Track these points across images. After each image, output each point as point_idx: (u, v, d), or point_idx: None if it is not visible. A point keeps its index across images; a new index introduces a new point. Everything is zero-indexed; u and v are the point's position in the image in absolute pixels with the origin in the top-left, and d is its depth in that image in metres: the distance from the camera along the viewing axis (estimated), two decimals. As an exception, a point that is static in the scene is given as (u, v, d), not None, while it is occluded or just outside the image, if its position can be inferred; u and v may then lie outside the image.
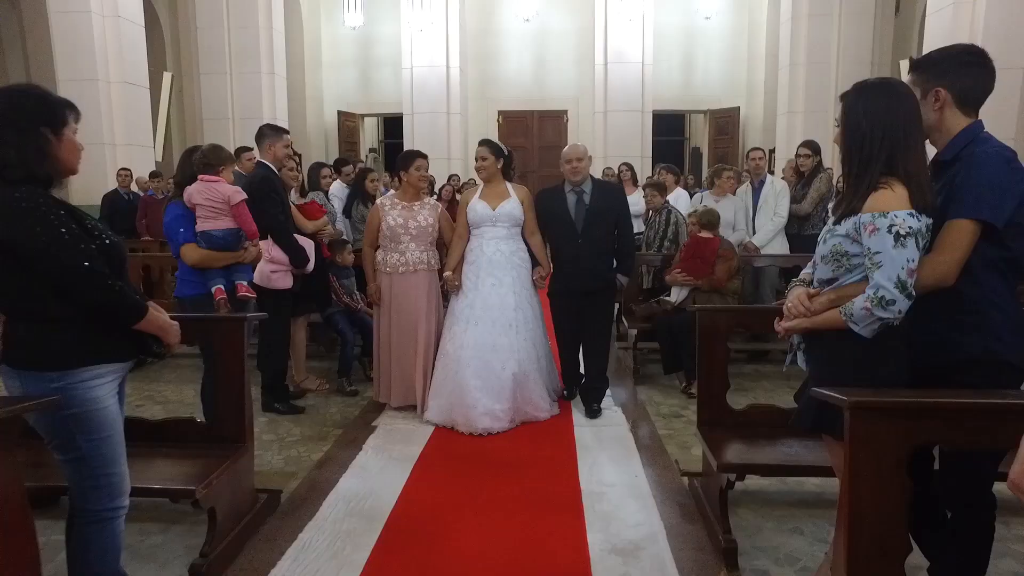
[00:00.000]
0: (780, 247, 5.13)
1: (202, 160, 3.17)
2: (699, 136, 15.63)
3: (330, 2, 14.74)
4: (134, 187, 8.43)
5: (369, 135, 16.28)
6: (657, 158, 11.90)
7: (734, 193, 5.65)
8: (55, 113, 1.75)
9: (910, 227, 1.67)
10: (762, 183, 5.30)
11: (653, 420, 3.89)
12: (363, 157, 14.88)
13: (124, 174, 8.21)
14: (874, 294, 1.65)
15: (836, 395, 1.48)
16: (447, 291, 3.92)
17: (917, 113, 1.78)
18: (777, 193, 5.12)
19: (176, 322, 1.94)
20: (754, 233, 5.16)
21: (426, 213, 3.90)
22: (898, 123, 1.73)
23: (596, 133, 13.02)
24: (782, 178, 6.06)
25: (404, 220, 3.83)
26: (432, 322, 3.89)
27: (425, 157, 3.96)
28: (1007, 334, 1.72)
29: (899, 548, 1.43)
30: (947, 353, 1.76)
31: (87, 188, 8.09)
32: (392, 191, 4.37)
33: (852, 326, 1.69)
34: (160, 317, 1.88)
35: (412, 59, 13.00)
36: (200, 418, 2.75)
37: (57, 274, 1.67)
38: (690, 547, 2.47)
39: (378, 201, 4.07)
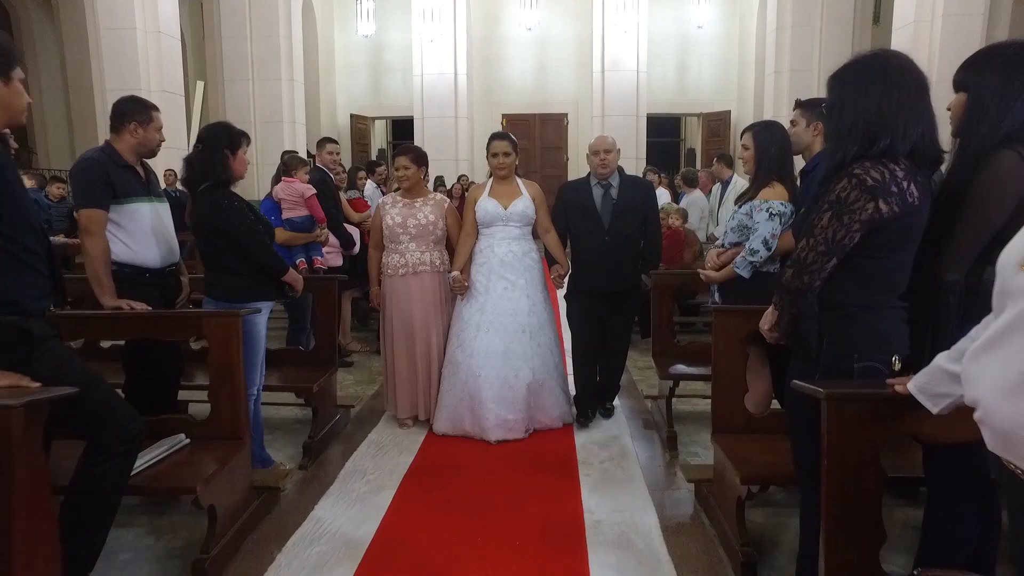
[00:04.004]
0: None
1: (283, 167, 4.24)
2: (693, 137, 16.59)
3: (344, 11, 15.67)
4: (178, 185, 9.45)
5: (379, 136, 17.27)
6: (654, 159, 12.86)
7: (708, 192, 6.69)
8: (233, 140, 2.78)
9: (780, 211, 2.73)
10: (728, 183, 6.31)
11: (630, 371, 4.91)
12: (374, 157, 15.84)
13: (169, 174, 9.15)
14: (748, 247, 2.73)
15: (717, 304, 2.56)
16: (455, 294, 3.66)
17: (790, 142, 2.84)
18: (738, 192, 6.12)
19: (301, 277, 2.98)
20: (717, 224, 6.17)
21: (428, 210, 3.60)
22: (787, 149, 2.80)
23: (595, 135, 13.93)
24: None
25: (403, 218, 3.58)
26: (437, 328, 3.62)
27: (404, 153, 3.65)
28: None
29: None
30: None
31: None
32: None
33: (736, 269, 2.74)
34: (295, 273, 2.92)
35: (423, 67, 13.87)
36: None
37: (245, 246, 2.72)
38: (645, 441, 3.53)
39: (380, 200, 3.91)
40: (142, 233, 2.73)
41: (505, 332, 3.47)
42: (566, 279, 3.71)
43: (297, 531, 2.58)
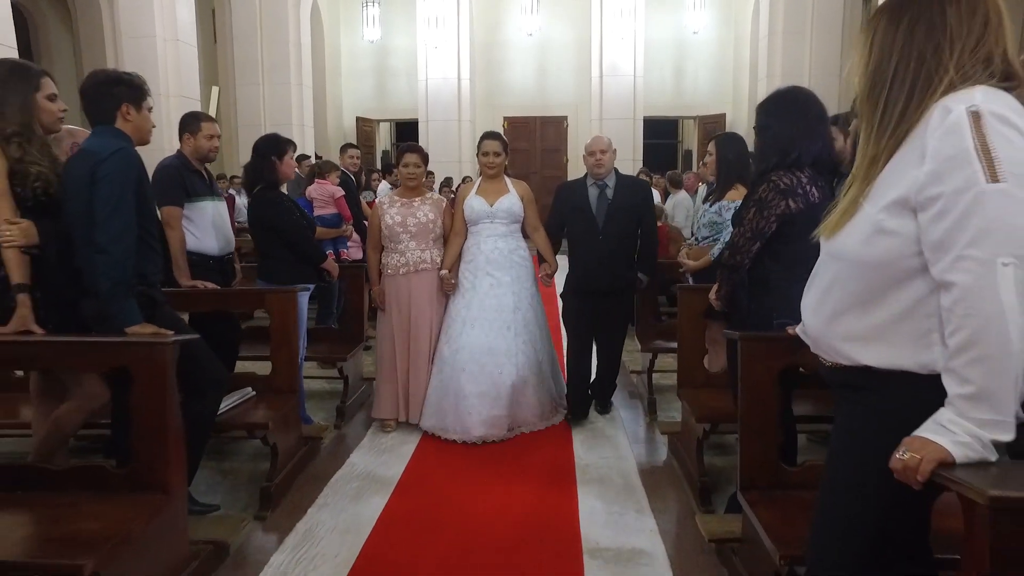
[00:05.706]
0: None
1: (316, 170, 4.83)
2: (690, 139, 17.11)
3: (350, 18, 16.16)
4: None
5: (384, 139, 17.80)
6: (651, 160, 13.38)
7: (695, 192, 7.24)
8: (279, 147, 3.34)
9: None
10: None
11: (620, 353, 5.48)
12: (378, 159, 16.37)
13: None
14: (724, 241, 3.25)
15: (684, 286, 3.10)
16: (444, 291, 3.68)
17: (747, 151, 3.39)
18: (719, 193, 6.69)
19: (337, 265, 3.54)
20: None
21: (427, 209, 3.62)
22: (746, 157, 3.35)
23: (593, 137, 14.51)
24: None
25: (403, 218, 3.59)
26: (433, 325, 3.63)
27: (415, 151, 3.68)
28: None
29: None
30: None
31: (159, 188, 9.67)
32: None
33: (712, 256, 3.30)
34: (332, 262, 3.48)
35: (427, 71, 14.31)
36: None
37: (293, 239, 3.27)
38: (630, 407, 4.09)
39: (377, 200, 3.93)
40: (206, 226, 3.27)
41: (490, 328, 3.50)
42: (556, 277, 3.75)
43: (337, 472, 3.14)
